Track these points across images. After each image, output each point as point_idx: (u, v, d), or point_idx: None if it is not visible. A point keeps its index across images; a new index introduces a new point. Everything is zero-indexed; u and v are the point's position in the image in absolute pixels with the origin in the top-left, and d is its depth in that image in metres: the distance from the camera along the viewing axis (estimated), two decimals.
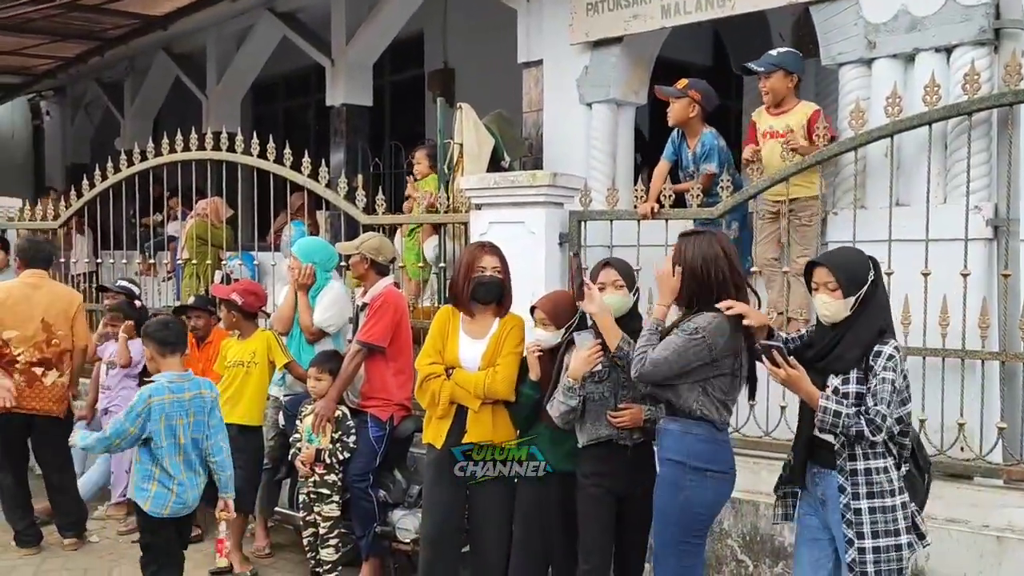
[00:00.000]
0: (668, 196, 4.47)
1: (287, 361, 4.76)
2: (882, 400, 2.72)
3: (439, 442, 3.74)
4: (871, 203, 4.37)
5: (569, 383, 3.37)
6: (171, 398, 3.71)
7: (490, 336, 3.74)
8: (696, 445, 3.11)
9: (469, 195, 4.84)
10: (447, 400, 3.70)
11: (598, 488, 3.43)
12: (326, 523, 4.46)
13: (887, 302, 2.93)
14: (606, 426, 3.39)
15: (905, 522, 2.77)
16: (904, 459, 2.86)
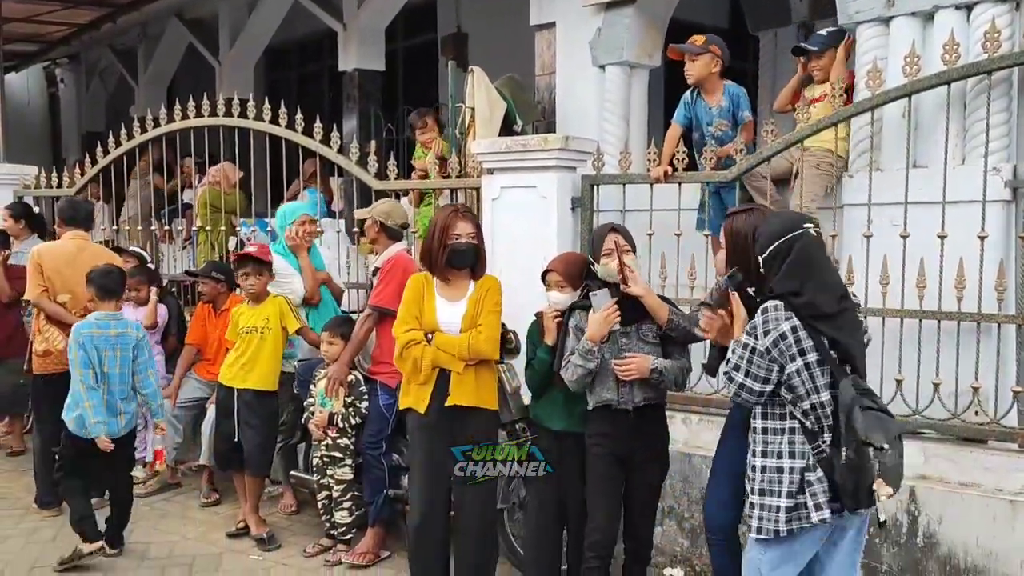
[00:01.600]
0: (681, 160, 4.41)
1: (299, 326, 4.79)
2: (733, 362, 2.77)
3: (422, 407, 3.71)
4: (887, 165, 4.29)
5: (588, 345, 3.35)
6: (97, 332, 4.35)
7: (468, 298, 3.72)
8: None
9: (481, 159, 4.80)
10: (430, 365, 3.66)
11: (601, 449, 3.46)
12: (339, 486, 4.51)
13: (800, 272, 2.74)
14: (608, 389, 3.39)
15: (790, 486, 2.74)
16: (825, 428, 2.74)
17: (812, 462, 2.73)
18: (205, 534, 4.90)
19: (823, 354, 2.69)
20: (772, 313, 2.70)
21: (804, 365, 2.68)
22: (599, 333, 3.34)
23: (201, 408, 5.51)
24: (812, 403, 2.71)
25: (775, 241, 2.76)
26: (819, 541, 2.83)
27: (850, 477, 2.64)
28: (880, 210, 3.96)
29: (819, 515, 2.70)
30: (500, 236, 4.60)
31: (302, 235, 4.95)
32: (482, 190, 4.83)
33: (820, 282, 2.74)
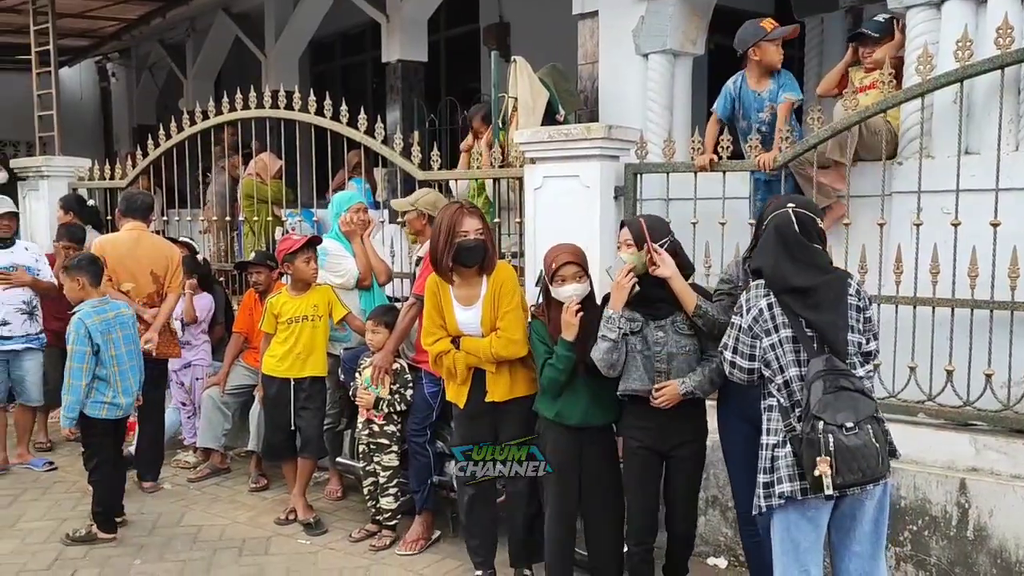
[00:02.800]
0: (726, 148, 4.36)
1: (345, 313, 4.84)
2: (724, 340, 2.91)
3: (461, 402, 3.84)
4: (938, 152, 4.20)
5: (608, 313, 3.34)
6: (99, 319, 4.56)
7: (481, 300, 3.74)
8: None
9: (523, 149, 4.79)
10: (464, 370, 3.75)
11: (637, 443, 3.46)
12: (385, 473, 4.55)
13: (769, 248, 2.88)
14: (636, 379, 3.38)
15: (766, 463, 2.80)
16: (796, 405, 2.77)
17: (782, 438, 2.76)
18: (254, 518, 4.99)
19: (797, 331, 2.76)
20: (753, 291, 2.82)
21: (778, 341, 2.78)
22: (619, 300, 3.34)
23: (249, 395, 5.60)
24: (784, 379, 2.78)
25: (761, 222, 2.93)
26: (817, 520, 2.81)
27: (806, 453, 2.67)
28: (931, 198, 3.88)
29: (780, 488, 2.74)
30: (542, 226, 4.60)
31: (356, 222, 5.01)
32: (524, 180, 4.82)
33: (788, 256, 2.82)
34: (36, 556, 4.47)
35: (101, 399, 4.56)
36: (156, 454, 5.55)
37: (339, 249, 5.00)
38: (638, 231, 3.39)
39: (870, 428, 2.66)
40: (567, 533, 3.65)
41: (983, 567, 3.59)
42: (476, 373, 3.78)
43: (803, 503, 2.77)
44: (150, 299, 5.32)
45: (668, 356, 3.37)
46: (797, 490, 2.73)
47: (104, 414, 4.58)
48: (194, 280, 5.81)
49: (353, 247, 5.03)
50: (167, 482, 5.58)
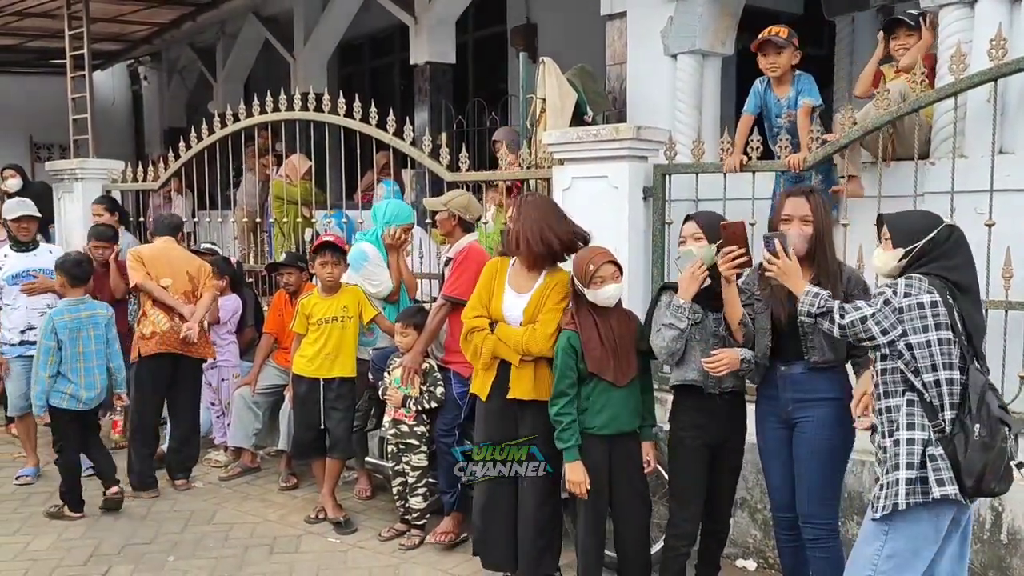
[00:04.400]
0: (755, 148, 4.36)
1: (375, 314, 4.89)
2: (867, 306, 2.79)
3: (483, 394, 3.85)
4: (971, 152, 4.17)
5: (679, 302, 3.33)
6: (70, 317, 4.93)
7: (534, 290, 3.75)
8: (846, 383, 3.27)
9: (552, 150, 4.82)
10: (489, 354, 3.76)
11: (694, 440, 3.47)
12: (414, 473, 4.58)
13: (953, 261, 2.79)
14: (693, 370, 3.39)
15: (912, 458, 2.72)
16: (947, 406, 2.72)
17: (933, 437, 2.71)
18: (284, 516, 5.05)
19: (957, 332, 2.72)
20: (916, 282, 2.74)
21: (937, 340, 2.70)
22: (690, 290, 3.34)
23: (279, 395, 5.67)
24: (938, 378, 2.71)
25: (932, 230, 2.82)
26: (941, 531, 2.77)
27: (979, 456, 2.65)
28: (964, 198, 3.85)
29: (943, 490, 2.66)
30: None
31: (401, 239, 5.02)
32: (553, 180, 4.85)
33: (969, 261, 2.83)
34: (71, 552, 4.56)
35: (62, 391, 4.89)
36: (189, 453, 5.65)
37: (378, 257, 5.01)
38: (710, 225, 3.40)
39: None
40: (599, 539, 3.67)
41: (1018, 571, 3.55)
42: (502, 369, 3.79)
43: (943, 510, 2.74)
44: (187, 296, 5.46)
45: (724, 348, 3.38)
46: (957, 492, 2.68)
47: (65, 404, 4.90)
48: (222, 282, 5.88)
49: (391, 259, 5.05)
50: (199, 480, 5.67)
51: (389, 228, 5.00)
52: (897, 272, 2.84)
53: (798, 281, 3.01)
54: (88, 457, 5.15)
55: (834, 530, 3.30)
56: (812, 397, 3.24)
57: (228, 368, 5.97)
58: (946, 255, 2.78)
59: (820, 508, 3.26)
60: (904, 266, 2.82)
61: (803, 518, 3.30)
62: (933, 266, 2.77)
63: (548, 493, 3.81)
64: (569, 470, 3.55)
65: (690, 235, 3.42)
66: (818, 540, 3.27)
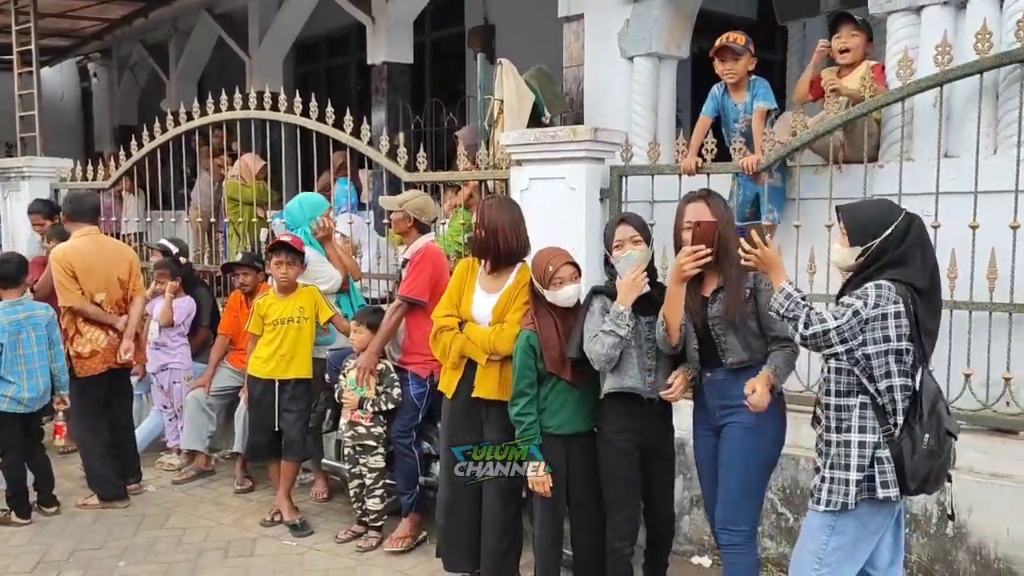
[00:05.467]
0: (710, 150, 4.42)
1: (332, 315, 4.86)
2: (834, 315, 2.76)
3: (450, 392, 3.89)
4: (918, 155, 4.28)
5: (619, 309, 3.33)
6: (7, 319, 4.81)
7: (503, 291, 3.79)
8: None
9: (509, 151, 4.83)
10: (457, 353, 3.80)
11: (626, 443, 3.47)
12: (372, 474, 4.57)
13: (916, 262, 2.79)
14: (631, 376, 3.40)
15: (862, 460, 2.78)
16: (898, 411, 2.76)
17: (882, 439, 2.77)
18: (239, 520, 5.00)
19: (915, 340, 2.75)
20: (886, 292, 2.73)
21: (896, 350, 2.72)
22: (630, 296, 3.33)
23: (234, 397, 5.61)
24: (891, 384, 2.75)
25: (889, 225, 2.80)
26: (883, 525, 2.86)
27: (925, 463, 2.73)
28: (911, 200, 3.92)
29: (886, 492, 2.74)
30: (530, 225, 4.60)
31: (328, 227, 5.07)
32: (511, 182, 4.86)
33: (929, 259, 2.83)
34: (19, 559, 4.46)
35: (3, 393, 4.79)
36: (129, 457, 5.50)
37: (317, 256, 5.02)
38: (642, 226, 3.45)
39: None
40: (557, 539, 3.69)
41: (962, 564, 3.66)
42: (469, 368, 3.82)
43: (884, 507, 2.81)
44: (119, 306, 5.24)
45: (657, 353, 3.41)
46: (898, 494, 2.76)
47: (5, 407, 4.80)
48: (175, 283, 5.79)
49: (327, 251, 5.06)
50: (151, 484, 5.58)
51: (317, 221, 5.01)
52: (855, 268, 2.86)
53: (779, 272, 2.96)
54: (28, 467, 5.03)
55: (750, 537, 3.28)
56: (735, 403, 3.19)
57: (180, 371, 5.87)
58: (907, 254, 2.78)
59: (736, 514, 3.23)
60: (862, 263, 2.83)
61: (719, 523, 3.28)
62: (895, 272, 2.76)
63: (511, 493, 3.83)
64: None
65: (628, 239, 3.41)
66: (732, 546, 3.25)
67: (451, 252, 5.39)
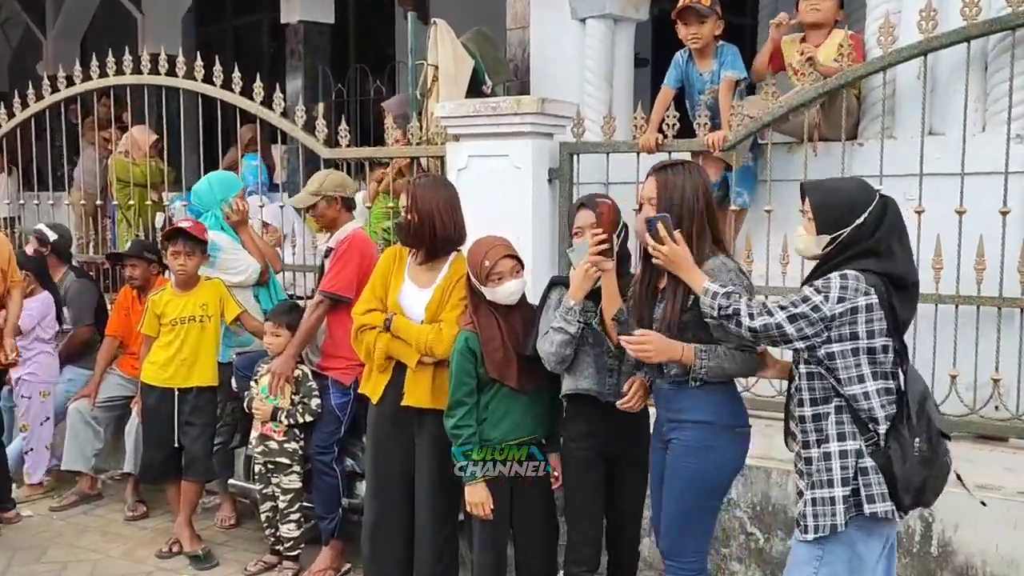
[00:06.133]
0: (672, 125, 4.47)
1: (240, 312, 4.80)
2: (787, 304, 2.75)
3: (375, 396, 3.87)
4: (900, 132, 4.39)
5: (569, 304, 3.35)
6: None
7: (437, 284, 3.79)
8: (723, 403, 3.15)
9: (445, 124, 4.82)
10: (382, 355, 3.79)
11: (586, 452, 3.49)
12: (286, 496, 4.53)
13: (892, 251, 2.80)
14: (587, 377, 3.42)
15: (846, 473, 2.77)
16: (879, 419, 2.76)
17: (864, 447, 2.76)
18: (131, 551, 4.92)
19: (897, 338, 2.76)
20: (852, 282, 2.72)
21: (867, 348, 2.72)
22: (581, 289, 3.34)
23: (125, 408, 5.51)
24: (866, 390, 2.74)
25: (862, 211, 2.78)
26: (878, 551, 2.83)
27: (920, 471, 2.71)
28: (893, 182, 4.04)
29: (874, 508, 2.72)
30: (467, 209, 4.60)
31: (243, 209, 5.00)
32: (447, 159, 4.86)
33: (905, 247, 2.83)
34: None
35: None
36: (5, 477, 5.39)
37: (231, 243, 4.96)
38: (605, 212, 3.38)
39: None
40: (500, 564, 3.69)
41: None
42: (398, 371, 3.80)
43: (877, 528, 2.80)
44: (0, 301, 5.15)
45: (620, 352, 3.40)
46: (892, 510, 2.75)
47: None
48: (25, 279, 5.48)
49: (242, 238, 5.00)
50: (27, 508, 5.47)
51: (230, 203, 4.94)
52: (821, 257, 2.85)
53: (692, 271, 2.95)
54: None
55: (700, 570, 3.25)
56: (679, 418, 3.17)
57: (34, 384, 5.65)
58: (881, 242, 2.77)
59: (679, 545, 3.20)
60: (829, 253, 2.83)
61: (664, 554, 3.28)
62: (866, 262, 2.76)
63: (446, 514, 3.83)
64: (469, 490, 3.56)
65: (588, 225, 3.40)
66: None
67: (377, 242, 5.37)
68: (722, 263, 3.07)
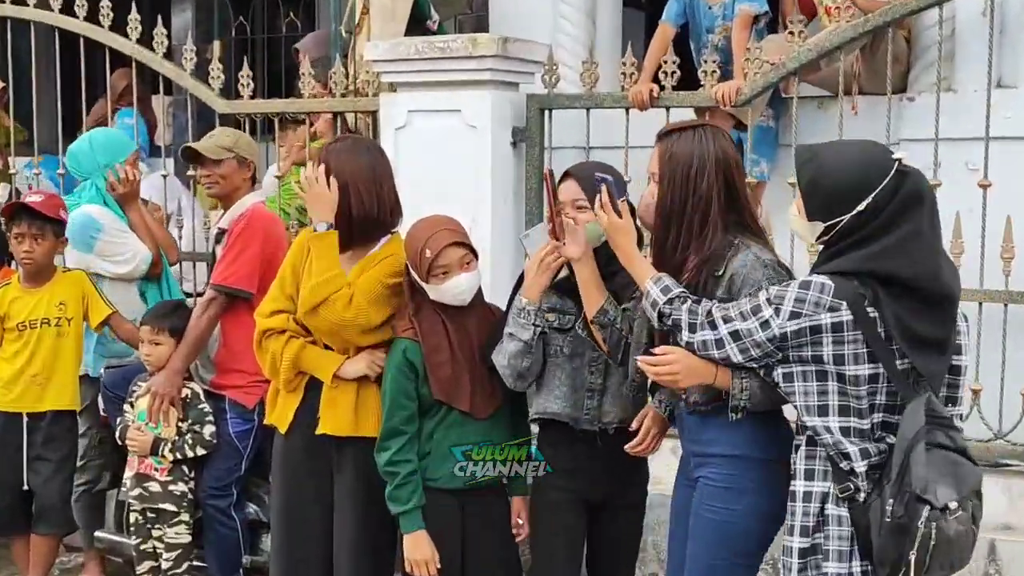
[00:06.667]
0: (671, 73, 4.47)
1: (110, 313, 4.75)
2: (735, 316, 2.78)
3: (283, 425, 3.81)
4: (961, 84, 4.43)
5: (522, 303, 3.36)
6: None
7: (359, 262, 3.73)
8: (760, 429, 3.09)
9: (378, 70, 4.80)
10: (291, 367, 3.73)
11: (559, 492, 3.49)
12: (171, 553, 4.49)
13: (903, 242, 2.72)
14: (557, 398, 3.43)
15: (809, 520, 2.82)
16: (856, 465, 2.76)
17: (836, 491, 2.77)
18: None
19: (888, 364, 2.71)
20: (814, 294, 2.70)
21: (835, 375, 2.72)
22: (537, 285, 3.36)
23: None
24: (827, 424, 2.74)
25: (867, 194, 2.70)
26: None
27: (891, 542, 2.66)
28: (952, 147, 4.08)
29: (828, 568, 2.75)
30: (407, 181, 4.59)
31: (135, 180, 4.95)
32: (380, 115, 4.84)
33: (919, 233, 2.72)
34: None
35: None
36: None
37: (115, 222, 4.89)
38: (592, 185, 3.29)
39: (971, 506, 2.69)
40: None
41: None
42: (312, 391, 3.75)
43: None
44: None
45: (606, 367, 3.41)
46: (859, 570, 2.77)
47: None
48: None
49: (130, 216, 4.95)
50: None
51: (117, 170, 4.88)
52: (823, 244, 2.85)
53: (633, 258, 3.04)
54: None
55: None
56: (702, 451, 3.18)
57: None
58: (883, 229, 2.71)
59: None
60: (830, 239, 2.80)
61: None
62: (859, 254, 2.71)
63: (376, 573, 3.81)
64: (409, 543, 3.54)
65: (570, 202, 3.39)
66: None
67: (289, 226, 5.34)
68: (755, 259, 3.00)
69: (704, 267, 3.00)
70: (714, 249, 3.00)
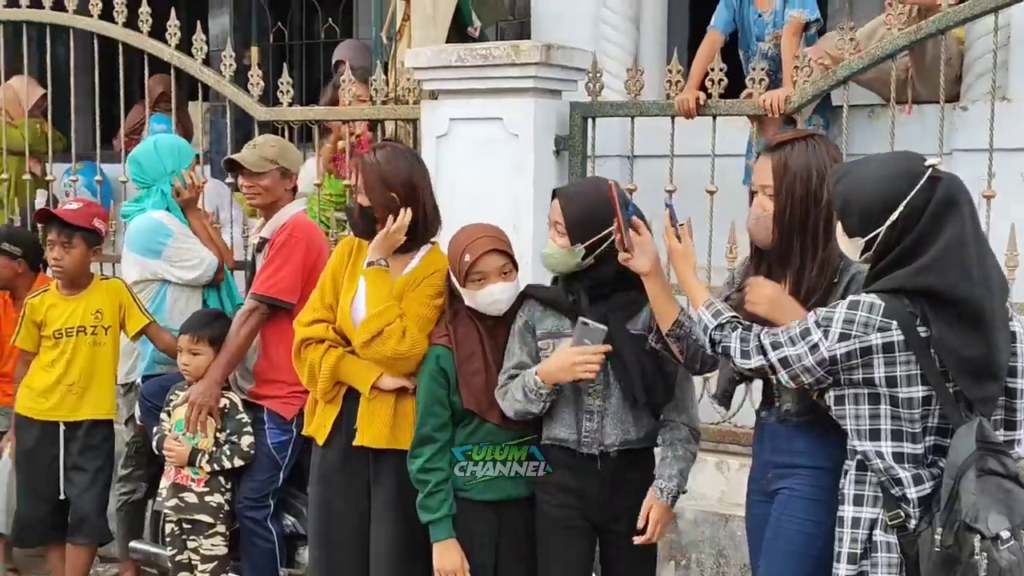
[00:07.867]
0: (719, 81, 4.48)
1: (147, 323, 4.79)
2: (783, 341, 2.78)
3: (321, 437, 3.83)
4: (1017, 93, 4.40)
5: (536, 382, 3.34)
6: None
7: (399, 278, 3.74)
8: (840, 448, 3.02)
9: (420, 77, 4.82)
10: (330, 377, 3.75)
11: (562, 512, 3.48)
12: (207, 565, 4.50)
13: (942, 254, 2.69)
14: (564, 425, 3.42)
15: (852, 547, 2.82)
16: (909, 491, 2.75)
17: (886, 518, 2.76)
18: None
19: (938, 386, 2.69)
20: (862, 315, 2.69)
21: (888, 397, 2.71)
22: (557, 377, 3.32)
23: None
24: (879, 450, 2.73)
25: (897, 203, 2.69)
26: None
27: (941, 573, 2.64)
28: (1007, 158, 4.06)
29: None
30: (448, 189, 4.62)
31: (199, 185, 5.00)
32: (421, 123, 4.86)
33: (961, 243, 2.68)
34: None
35: None
36: None
37: (183, 228, 4.94)
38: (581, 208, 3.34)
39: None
40: None
41: None
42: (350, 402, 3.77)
43: None
44: None
45: (606, 388, 3.40)
46: None
47: None
48: None
49: (192, 222, 4.99)
50: None
51: (183, 175, 4.93)
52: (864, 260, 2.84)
53: (688, 280, 3.06)
54: None
55: None
56: (789, 462, 3.16)
57: None
58: (920, 244, 2.68)
59: None
60: (871, 256, 2.78)
61: None
62: (905, 271, 2.69)
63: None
64: (438, 551, 3.54)
65: (553, 223, 3.42)
66: None
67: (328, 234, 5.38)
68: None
69: (824, 275, 3.01)
70: (833, 257, 3.00)
